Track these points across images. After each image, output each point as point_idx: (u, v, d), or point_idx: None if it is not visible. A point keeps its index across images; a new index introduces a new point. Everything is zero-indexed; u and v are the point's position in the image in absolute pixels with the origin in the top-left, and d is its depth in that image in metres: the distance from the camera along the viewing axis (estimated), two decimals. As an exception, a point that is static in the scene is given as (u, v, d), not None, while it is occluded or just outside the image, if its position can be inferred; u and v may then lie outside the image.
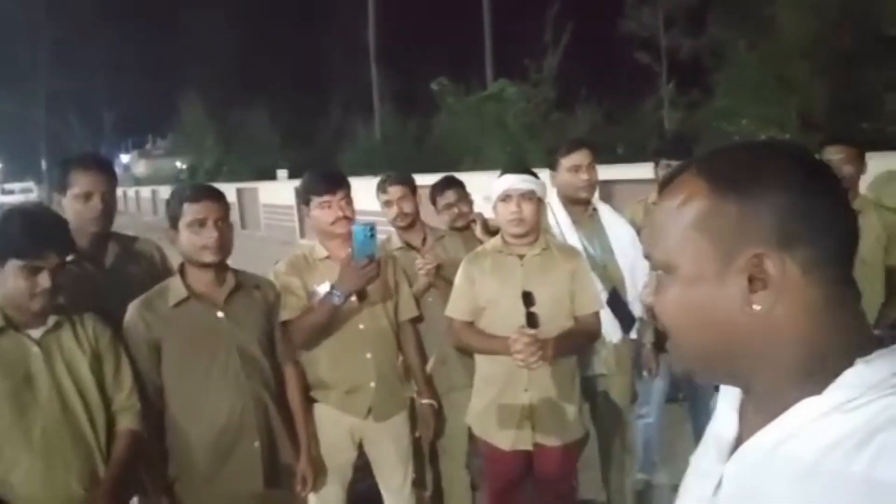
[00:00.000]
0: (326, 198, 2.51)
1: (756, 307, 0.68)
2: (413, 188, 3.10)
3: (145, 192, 32.17)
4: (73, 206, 2.34)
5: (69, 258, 2.28)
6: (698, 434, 3.50)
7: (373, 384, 2.54)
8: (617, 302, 2.94)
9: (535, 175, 2.55)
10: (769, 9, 10.80)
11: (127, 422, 2.03)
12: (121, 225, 2.63)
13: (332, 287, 2.36)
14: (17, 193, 35.51)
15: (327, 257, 2.56)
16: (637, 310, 3.02)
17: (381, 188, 3.07)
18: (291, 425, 2.37)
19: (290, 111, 28.72)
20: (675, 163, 3.34)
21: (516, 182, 2.48)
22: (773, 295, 0.67)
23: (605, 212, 3.09)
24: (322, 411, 2.55)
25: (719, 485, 0.74)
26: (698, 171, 0.73)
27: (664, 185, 0.78)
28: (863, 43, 9.16)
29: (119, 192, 38.28)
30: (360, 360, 2.53)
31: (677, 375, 3.02)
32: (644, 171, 3.56)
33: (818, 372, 0.67)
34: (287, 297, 2.44)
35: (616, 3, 16.39)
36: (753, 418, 0.73)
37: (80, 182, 2.34)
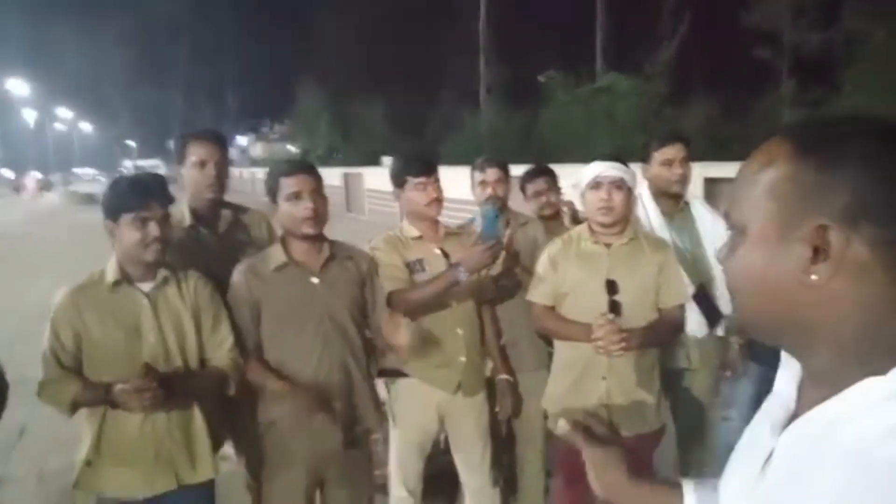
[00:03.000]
0: (422, 179, 2.62)
1: (813, 277, 0.67)
2: (508, 173, 3.15)
3: (260, 173, 33.88)
4: (190, 174, 2.60)
5: (188, 223, 2.55)
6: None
7: (463, 359, 2.64)
8: (704, 297, 2.89)
9: (625, 164, 2.54)
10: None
11: (221, 366, 2.22)
12: (239, 202, 2.88)
13: (457, 263, 2.45)
14: (147, 169, 38.47)
15: (420, 237, 2.67)
16: (725, 307, 2.95)
17: (480, 168, 3.12)
18: (374, 393, 2.50)
19: (401, 101, 29.35)
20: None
21: (606, 169, 2.47)
22: (833, 268, 0.66)
23: (697, 206, 3.03)
24: (410, 385, 2.66)
25: (769, 458, 0.73)
26: (784, 136, 0.73)
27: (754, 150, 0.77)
28: None
29: (237, 172, 40.31)
30: (452, 335, 2.63)
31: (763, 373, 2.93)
32: None
33: (880, 353, 0.66)
34: (391, 269, 2.56)
35: (736, -4, 15.62)
36: (810, 393, 0.72)
37: (196, 152, 2.59)
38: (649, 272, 2.52)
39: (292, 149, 37.29)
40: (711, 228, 2.98)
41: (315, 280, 2.33)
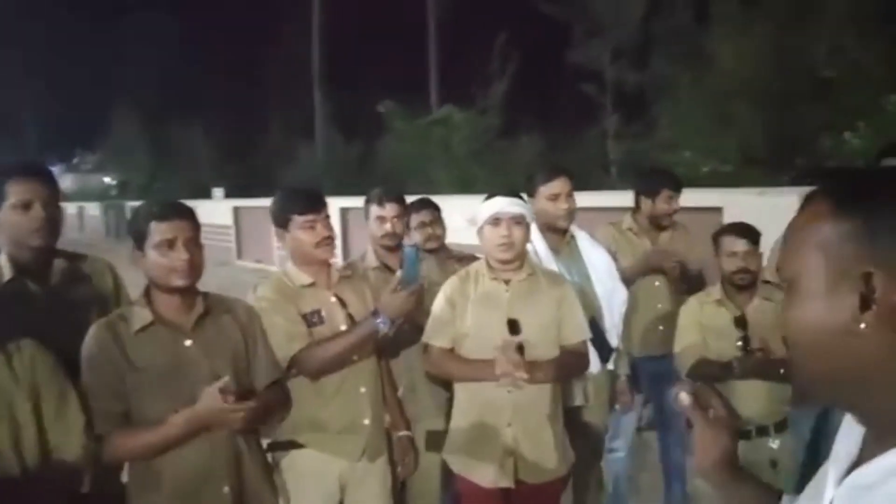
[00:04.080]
0: (310, 217, 2.32)
1: (862, 326, 0.68)
2: (406, 208, 2.97)
3: (71, 208, 30.74)
4: (10, 218, 2.09)
5: (7, 277, 2.06)
6: (666, 464, 3.47)
7: (367, 421, 2.35)
8: (595, 331, 2.87)
9: (523, 199, 2.46)
10: (709, 47, 11.25)
11: (70, 458, 1.79)
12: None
13: (374, 311, 2.20)
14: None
15: (312, 283, 2.36)
16: (614, 339, 2.96)
17: (378, 202, 2.89)
18: (267, 468, 2.17)
19: (228, 129, 28.01)
20: (676, 194, 3.38)
21: (506, 205, 2.39)
22: (881, 314, 0.67)
23: (582, 239, 3.04)
24: (306, 458, 2.29)
25: None
26: (824, 191, 0.75)
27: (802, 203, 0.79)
28: (798, 83, 9.62)
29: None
30: (355, 395, 2.34)
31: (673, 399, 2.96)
32: (586, 199, 3.53)
33: None
34: (289, 326, 2.24)
35: (564, 35, 16.77)
36: (871, 446, 0.73)
37: (18, 191, 2.08)
38: (549, 308, 2.47)
39: (107, 180, 34.25)
40: (596, 261, 2.99)
41: (188, 342, 1.97)
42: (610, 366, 2.98)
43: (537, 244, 2.93)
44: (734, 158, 10.00)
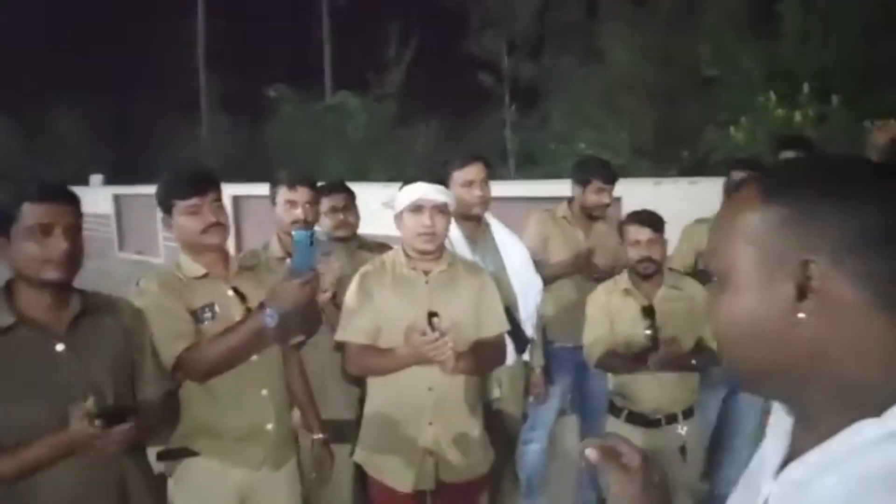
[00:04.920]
0: (194, 201, 2.07)
1: (800, 315, 0.67)
2: (318, 193, 2.77)
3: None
4: None
5: None
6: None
7: (270, 426, 2.13)
8: (511, 322, 2.79)
9: (446, 185, 2.32)
10: (600, 42, 11.60)
11: None
12: None
13: (261, 304, 1.97)
14: None
15: (205, 275, 2.11)
16: (529, 330, 2.90)
17: (288, 184, 2.68)
18: (156, 486, 1.92)
19: (106, 109, 26.03)
20: (607, 186, 3.33)
21: (430, 192, 2.24)
22: (820, 305, 0.66)
23: (497, 228, 2.95)
24: (201, 466, 2.06)
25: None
26: (752, 183, 0.73)
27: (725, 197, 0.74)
28: (683, 80, 10.09)
29: None
30: (256, 398, 2.12)
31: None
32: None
33: (874, 395, 0.65)
34: (173, 323, 1.99)
35: (461, 24, 16.77)
36: (804, 437, 0.71)
37: None
38: (469, 300, 2.36)
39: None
40: (512, 250, 2.92)
41: (59, 346, 1.69)
42: (525, 357, 2.92)
43: (452, 232, 2.80)
44: (625, 151, 10.37)
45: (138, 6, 26.27)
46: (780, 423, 0.77)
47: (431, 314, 2.23)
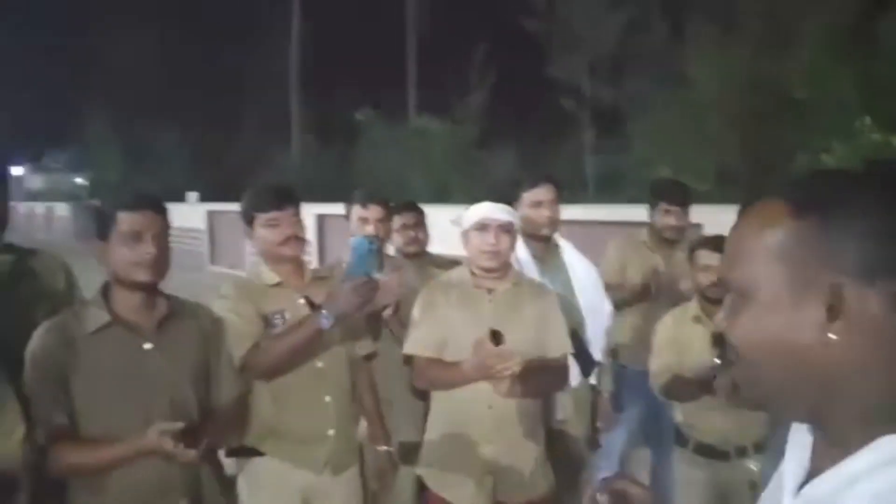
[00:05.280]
0: (273, 214, 2.23)
1: (832, 337, 0.66)
2: (390, 212, 2.89)
3: (39, 207, 29.97)
4: None
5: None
6: (657, 482, 3.37)
7: (332, 432, 2.22)
8: (578, 344, 2.79)
9: (513, 205, 2.37)
10: (685, 66, 11.37)
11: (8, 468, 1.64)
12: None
13: (320, 306, 2.07)
14: None
15: (279, 283, 2.25)
16: (597, 353, 2.88)
17: (361, 203, 2.81)
18: (226, 481, 2.03)
19: (204, 132, 27.58)
20: (674, 208, 3.30)
21: (494, 212, 2.28)
22: (850, 326, 0.65)
23: (567, 250, 2.95)
24: (267, 466, 2.19)
25: None
26: (778, 196, 0.71)
27: (743, 208, 0.76)
28: (772, 103, 9.73)
29: (9, 205, 35.64)
30: (319, 404, 2.22)
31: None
32: (568, 212, 3.48)
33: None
34: (242, 325, 2.12)
35: (542, 48, 16.83)
36: (826, 454, 0.70)
37: None
38: (532, 320, 2.37)
39: (79, 181, 33.51)
40: (581, 272, 2.91)
41: (147, 345, 1.83)
42: (593, 380, 2.90)
43: (520, 252, 2.84)
44: (710, 177, 10.08)
45: (235, 35, 27.76)
46: (799, 439, 0.77)
47: (494, 332, 2.26)
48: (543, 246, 2.89)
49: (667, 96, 11.83)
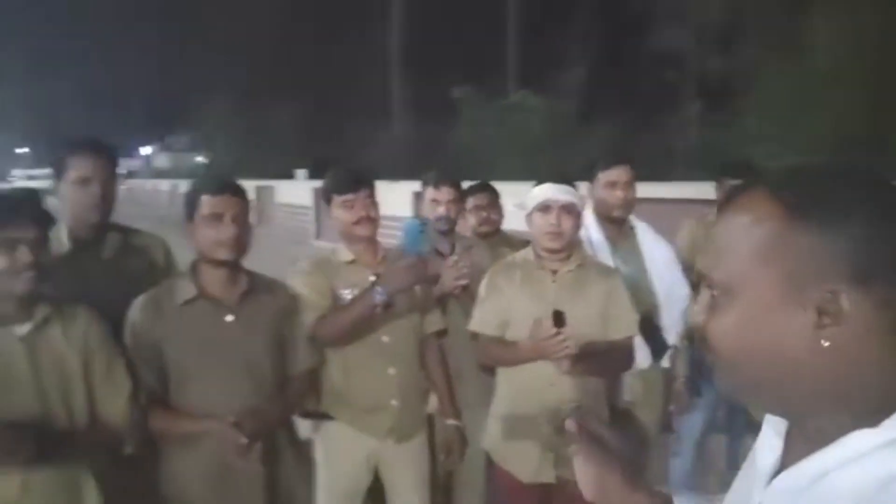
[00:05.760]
0: (349, 196, 2.37)
1: (825, 343, 0.64)
2: (461, 193, 2.96)
3: (164, 185, 32.26)
4: (71, 192, 2.19)
5: (66, 249, 2.16)
6: (731, 468, 3.30)
7: (395, 403, 2.36)
8: (649, 326, 2.76)
9: (574, 186, 2.37)
10: (804, 31, 10.59)
11: (115, 421, 1.87)
12: (133, 216, 2.49)
13: (374, 283, 2.20)
14: (40, 179, 35.72)
15: (353, 261, 2.40)
16: (671, 337, 2.84)
17: (434, 184, 2.90)
18: (298, 446, 2.20)
19: (311, 112, 28.68)
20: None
21: (557, 192, 2.30)
22: (843, 331, 0.64)
23: (643, 231, 2.91)
24: (336, 430, 2.37)
25: None
26: (771, 191, 0.68)
27: (728, 200, 0.73)
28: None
29: (138, 182, 38.13)
30: (383, 375, 2.36)
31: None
32: (665, 190, 3.37)
33: (873, 407, 0.65)
34: (313, 296, 2.28)
35: (645, 20, 16.18)
36: (801, 447, 0.70)
37: (77, 166, 2.18)
38: (596, 301, 2.37)
39: (200, 159, 35.79)
40: (657, 255, 2.87)
41: (230, 317, 2.01)
42: (666, 363, 2.87)
43: (592, 233, 2.84)
44: (827, 152, 9.39)
45: (339, 17, 28.48)
46: (771, 430, 0.76)
47: (557, 313, 2.29)
48: (617, 228, 2.86)
49: (781, 65, 11.07)
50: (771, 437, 0.76)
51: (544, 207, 2.31)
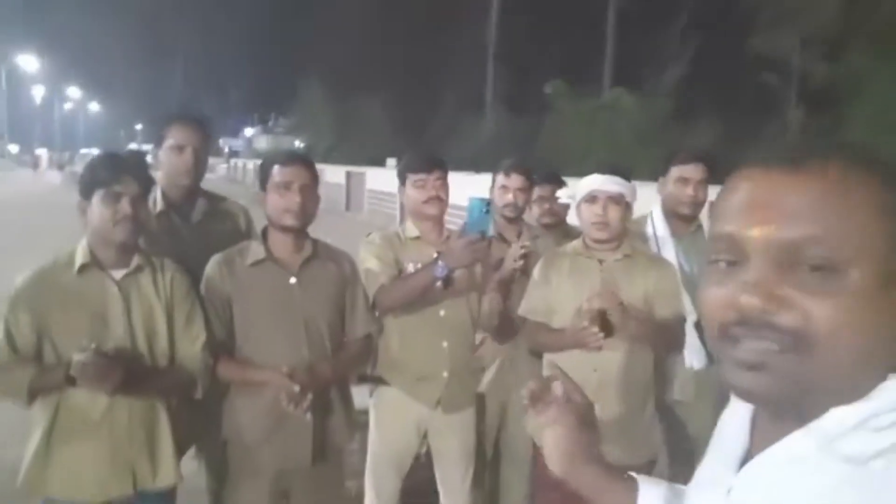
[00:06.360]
0: (421, 176, 2.50)
1: None
2: (532, 182, 3.01)
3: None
4: (167, 158, 2.45)
5: (160, 209, 2.41)
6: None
7: (445, 374, 2.49)
8: (702, 328, 2.74)
9: (626, 177, 2.39)
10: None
11: (190, 366, 2.07)
12: (234, 193, 2.73)
13: (437, 258, 2.32)
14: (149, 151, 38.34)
15: (418, 237, 2.54)
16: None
17: (505, 172, 2.96)
18: (350, 409, 2.36)
19: (404, 102, 29.22)
20: None
21: (604, 183, 2.32)
22: None
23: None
24: (390, 396, 2.52)
25: (729, 495, 0.69)
26: (856, 160, 0.62)
27: (794, 161, 0.63)
28: None
29: (240, 162, 39.80)
30: (436, 347, 2.49)
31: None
32: None
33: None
34: (379, 266, 2.43)
35: (748, 21, 15.49)
36: (768, 429, 0.68)
37: (175, 135, 2.44)
38: (642, 289, 2.36)
39: (297, 143, 37.21)
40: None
41: (293, 280, 2.19)
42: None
43: (658, 226, 2.84)
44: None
45: (438, 11, 28.74)
46: (737, 414, 0.75)
47: (600, 311, 2.29)
48: (684, 225, 2.84)
49: (891, 76, 10.40)
50: (737, 420, 0.74)
51: (591, 198, 2.34)
